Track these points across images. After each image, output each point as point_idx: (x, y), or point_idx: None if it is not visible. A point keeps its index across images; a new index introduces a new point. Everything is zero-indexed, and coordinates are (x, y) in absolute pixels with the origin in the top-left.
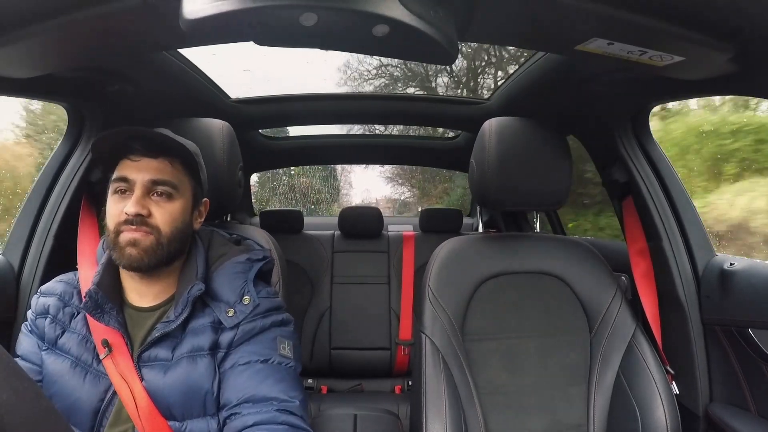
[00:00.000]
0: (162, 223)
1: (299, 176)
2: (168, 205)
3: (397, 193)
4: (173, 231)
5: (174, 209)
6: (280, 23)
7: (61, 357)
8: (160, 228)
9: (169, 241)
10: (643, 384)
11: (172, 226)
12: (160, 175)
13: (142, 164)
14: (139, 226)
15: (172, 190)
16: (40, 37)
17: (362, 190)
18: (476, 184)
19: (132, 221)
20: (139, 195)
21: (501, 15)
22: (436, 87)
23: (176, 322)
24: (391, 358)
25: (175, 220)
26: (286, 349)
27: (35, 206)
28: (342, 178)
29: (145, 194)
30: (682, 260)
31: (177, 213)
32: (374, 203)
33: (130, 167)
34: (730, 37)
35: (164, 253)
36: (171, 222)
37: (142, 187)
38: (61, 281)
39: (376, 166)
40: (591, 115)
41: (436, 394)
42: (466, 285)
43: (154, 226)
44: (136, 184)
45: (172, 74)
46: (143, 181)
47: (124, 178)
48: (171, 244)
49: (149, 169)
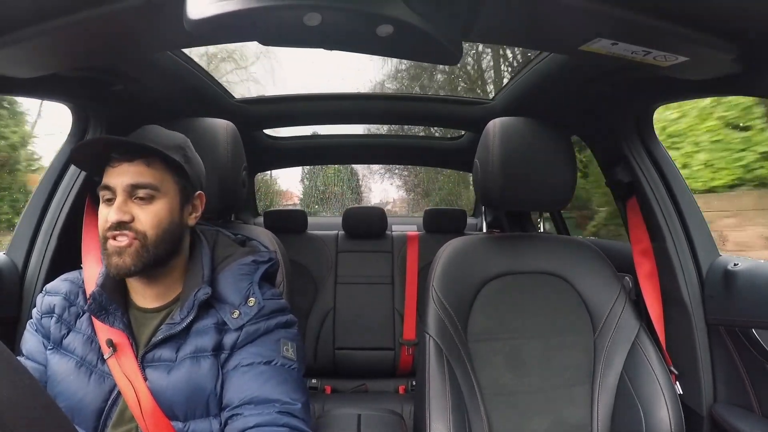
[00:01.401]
0: (147, 226)
1: (333, 185)
2: (150, 207)
3: (410, 195)
4: (159, 233)
5: (158, 210)
6: (284, 23)
7: (66, 357)
8: (145, 232)
9: (155, 243)
10: (646, 384)
11: (157, 228)
12: (139, 178)
13: (121, 169)
14: (122, 231)
15: (153, 191)
16: (44, 36)
17: (381, 190)
18: (480, 185)
19: (116, 228)
20: (120, 201)
21: (505, 15)
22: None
23: (181, 325)
24: (395, 359)
25: (161, 221)
26: (290, 351)
27: (39, 205)
28: (363, 183)
29: (127, 199)
30: (686, 260)
31: (162, 213)
32: (391, 202)
33: (110, 174)
34: (735, 38)
35: (151, 256)
36: (156, 224)
37: (122, 192)
38: (66, 280)
39: (389, 176)
40: (595, 116)
41: (439, 395)
42: (469, 285)
43: (139, 230)
44: (117, 190)
45: (176, 74)
46: (123, 186)
47: (107, 186)
48: (158, 246)
49: (127, 174)
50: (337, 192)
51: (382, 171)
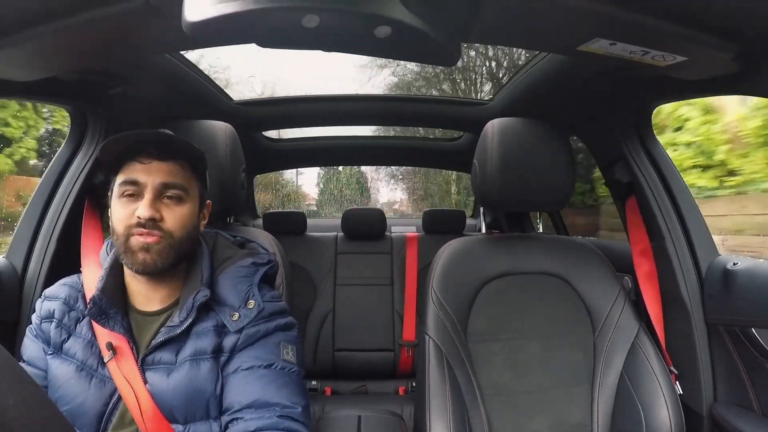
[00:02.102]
0: (174, 227)
1: (345, 188)
2: (178, 208)
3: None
4: (184, 234)
5: (184, 212)
6: (283, 25)
7: (66, 361)
8: (172, 232)
9: (180, 244)
10: (646, 384)
11: (183, 230)
12: (171, 178)
13: (152, 167)
14: (151, 230)
15: (183, 193)
16: (43, 39)
17: (389, 190)
18: (479, 185)
19: (144, 224)
20: (150, 198)
21: (503, 16)
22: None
23: (180, 327)
24: (394, 360)
25: (186, 224)
26: (290, 354)
27: (38, 208)
28: (371, 185)
29: (156, 197)
30: (686, 260)
31: (187, 216)
32: (398, 201)
33: (139, 170)
34: (733, 37)
35: (175, 256)
36: (182, 226)
37: (153, 190)
38: (66, 284)
39: (393, 181)
40: (593, 116)
41: (439, 396)
42: (469, 286)
43: (166, 230)
44: (147, 188)
45: (174, 76)
46: (155, 184)
47: (134, 181)
48: (182, 246)
49: (160, 172)
50: (348, 194)
51: (386, 178)
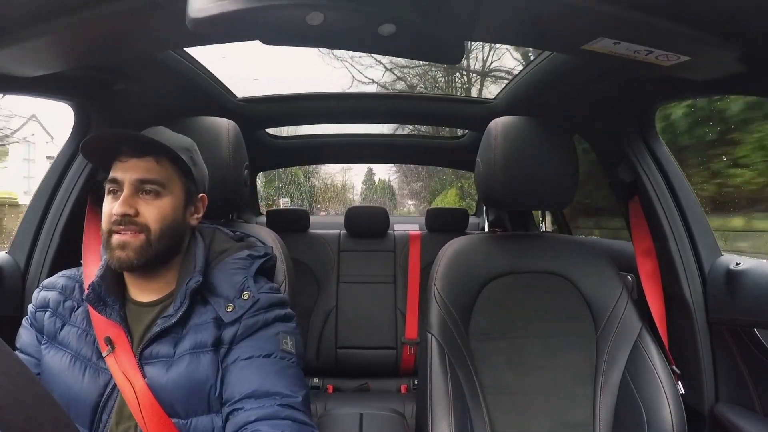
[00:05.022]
0: (151, 220)
1: (381, 197)
2: (156, 202)
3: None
4: (162, 228)
5: (162, 206)
6: (287, 22)
7: (60, 351)
8: (149, 225)
9: (158, 238)
10: (649, 384)
11: (161, 223)
12: (147, 174)
13: (129, 165)
14: (127, 225)
15: (160, 187)
16: (47, 36)
17: (399, 187)
18: (482, 184)
19: (120, 221)
20: (126, 195)
21: (507, 14)
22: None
23: (175, 316)
24: (397, 358)
25: (165, 217)
26: (289, 344)
27: (41, 205)
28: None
29: (134, 193)
30: (688, 260)
31: (166, 209)
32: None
33: (119, 168)
34: (737, 37)
35: (153, 251)
36: (160, 219)
37: (129, 186)
38: (64, 276)
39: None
40: (597, 115)
41: (441, 394)
42: (472, 284)
43: (143, 224)
44: (125, 184)
45: (178, 73)
46: (130, 180)
47: (114, 179)
48: (161, 241)
49: (136, 169)
50: (382, 201)
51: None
